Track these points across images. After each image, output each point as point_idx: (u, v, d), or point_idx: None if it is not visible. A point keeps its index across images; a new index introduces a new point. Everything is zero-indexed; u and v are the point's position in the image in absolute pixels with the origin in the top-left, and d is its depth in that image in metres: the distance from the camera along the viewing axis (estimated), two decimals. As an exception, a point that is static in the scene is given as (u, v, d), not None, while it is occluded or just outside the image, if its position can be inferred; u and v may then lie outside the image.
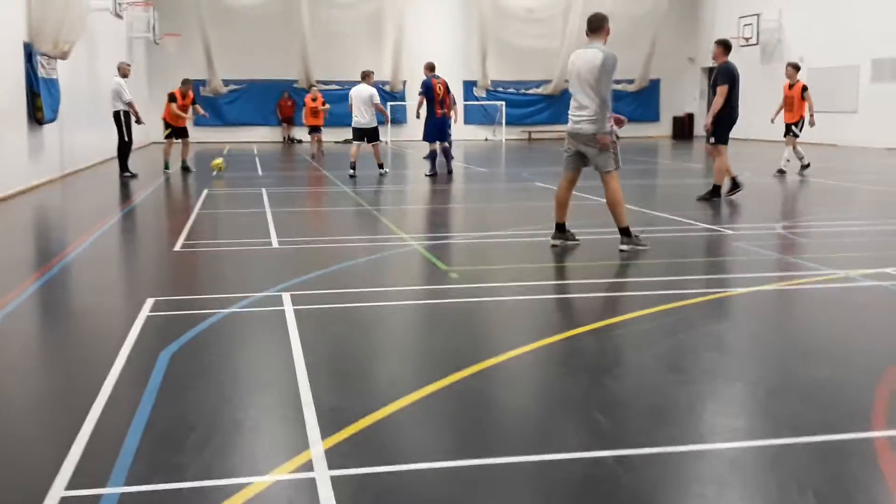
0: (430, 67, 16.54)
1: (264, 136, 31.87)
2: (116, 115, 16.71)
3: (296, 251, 8.55)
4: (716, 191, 11.87)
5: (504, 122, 32.26)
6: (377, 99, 16.22)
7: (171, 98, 17.87)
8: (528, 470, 3.34)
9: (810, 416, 3.88)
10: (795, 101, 15.94)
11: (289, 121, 30.56)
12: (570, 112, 8.01)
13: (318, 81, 31.52)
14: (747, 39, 29.66)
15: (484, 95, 33.19)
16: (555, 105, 33.82)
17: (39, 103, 14.48)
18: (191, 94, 18.24)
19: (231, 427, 3.78)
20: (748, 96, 29.54)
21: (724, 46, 11.67)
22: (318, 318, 5.77)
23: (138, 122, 17.20)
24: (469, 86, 33.31)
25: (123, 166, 16.71)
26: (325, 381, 4.38)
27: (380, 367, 4.86)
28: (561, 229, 8.28)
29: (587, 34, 7.97)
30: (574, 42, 32.00)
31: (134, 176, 16.48)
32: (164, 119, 18.07)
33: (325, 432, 3.64)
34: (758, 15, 29.40)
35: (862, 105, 25.21)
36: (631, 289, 6.86)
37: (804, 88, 15.84)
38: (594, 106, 7.72)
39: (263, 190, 14.12)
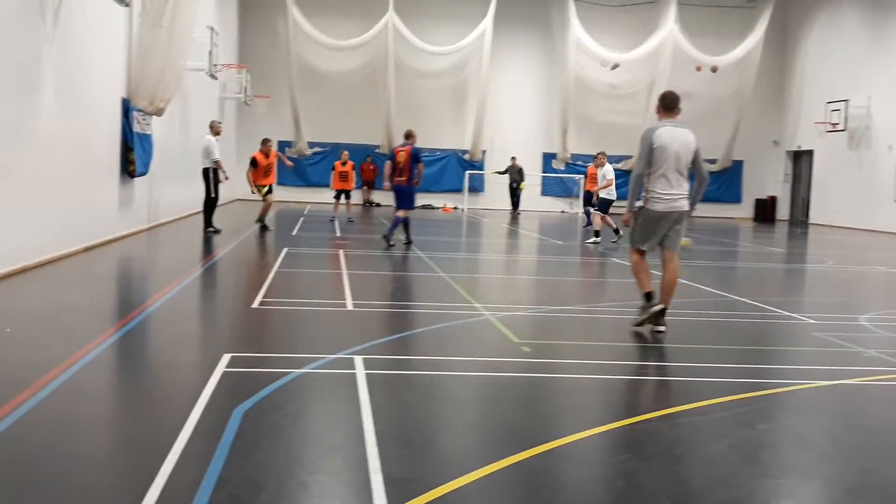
0: (407, 136, 15.89)
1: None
2: (205, 171, 17.26)
3: (369, 314, 8.64)
4: None
5: (582, 195, 32.18)
6: None
7: (253, 163, 18.12)
8: (595, 557, 3.28)
9: (893, 521, 3.73)
10: None
11: (370, 184, 31.11)
12: (659, 191, 7.83)
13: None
14: (835, 125, 29.24)
15: (563, 168, 33.36)
16: (633, 181, 33.61)
17: (132, 157, 15.05)
18: (273, 151, 18.65)
19: (299, 490, 3.80)
20: (834, 183, 28.94)
21: None
22: (388, 384, 5.79)
23: (224, 179, 17.66)
24: (548, 158, 33.56)
25: (208, 221, 17.18)
26: (394, 450, 4.37)
27: (449, 438, 4.84)
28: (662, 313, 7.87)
29: (666, 111, 8.10)
30: (656, 119, 32.01)
31: (217, 231, 16.91)
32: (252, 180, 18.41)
33: (392, 502, 3.63)
34: (846, 101, 29.01)
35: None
36: (706, 374, 6.71)
37: None
38: (687, 185, 7.95)
39: (341, 252, 14.33)
